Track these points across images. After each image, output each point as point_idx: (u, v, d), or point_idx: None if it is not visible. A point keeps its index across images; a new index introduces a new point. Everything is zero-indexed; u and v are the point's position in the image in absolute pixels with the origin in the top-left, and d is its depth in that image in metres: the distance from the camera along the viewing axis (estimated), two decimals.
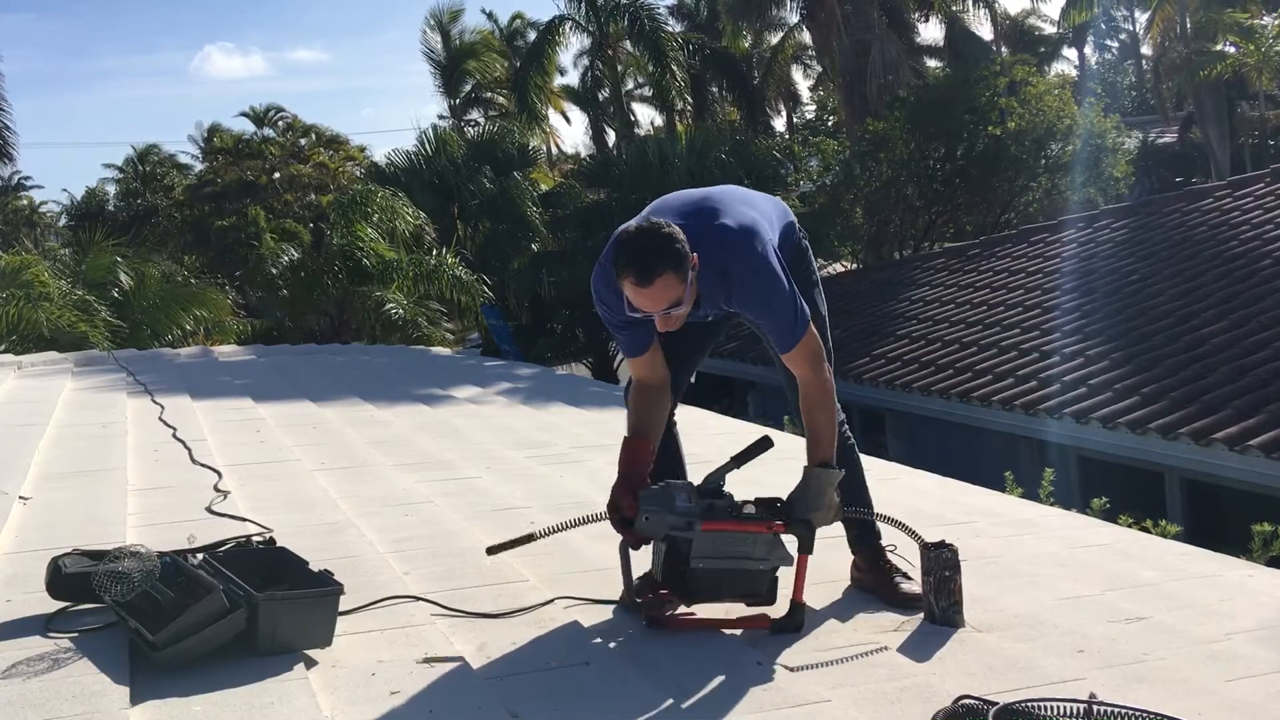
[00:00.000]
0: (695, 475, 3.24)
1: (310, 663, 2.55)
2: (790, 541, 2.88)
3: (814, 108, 36.69)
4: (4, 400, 6.84)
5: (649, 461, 2.99)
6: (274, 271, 15.58)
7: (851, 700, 2.46)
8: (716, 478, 2.95)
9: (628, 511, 2.85)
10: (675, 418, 3.23)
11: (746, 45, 28.81)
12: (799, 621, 2.87)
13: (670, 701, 2.43)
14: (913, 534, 3.03)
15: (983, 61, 20.11)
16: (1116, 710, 2.11)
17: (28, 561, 3.24)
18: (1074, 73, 37.75)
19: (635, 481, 2.91)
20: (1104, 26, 39.96)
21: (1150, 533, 4.82)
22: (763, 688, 2.51)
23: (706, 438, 5.69)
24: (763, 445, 3.04)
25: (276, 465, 4.98)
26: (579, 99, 31.86)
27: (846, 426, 3.18)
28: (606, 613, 2.98)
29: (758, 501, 2.92)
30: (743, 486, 3.16)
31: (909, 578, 3.11)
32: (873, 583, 3.18)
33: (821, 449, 2.93)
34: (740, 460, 3.02)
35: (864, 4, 21.33)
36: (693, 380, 3.37)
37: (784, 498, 2.92)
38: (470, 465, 5.07)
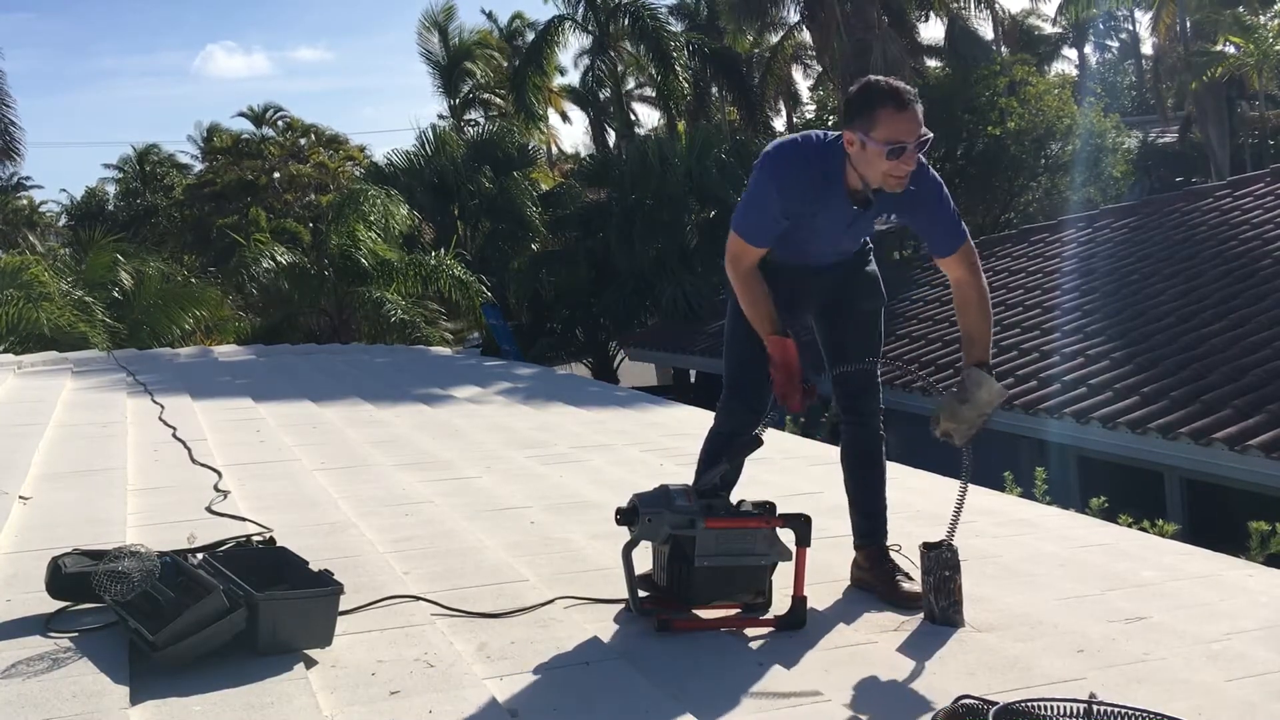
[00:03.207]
0: (692, 476, 3.25)
1: (310, 663, 2.55)
2: (787, 538, 2.89)
3: (814, 108, 36.69)
4: (4, 400, 6.84)
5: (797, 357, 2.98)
6: (257, 273, 15.46)
7: (851, 700, 2.46)
8: (711, 478, 2.96)
9: (798, 397, 2.93)
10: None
11: (749, 44, 28.81)
12: (801, 618, 2.88)
13: (670, 701, 2.42)
14: (952, 529, 3.00)
15: (983, 61, 20.11)
16: (1116, 710, 2.10)
17: (28, 561, 3.24)
18: (1074, 72, 37.76)
19: (797, 378, 2.95)
20: (1104, 26, 39.97)
21: (1149, 532, 4.82)
22: (763, 688, 2.51)
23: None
24: (753, 444, 3.05)
25: (276, 465, 4.98)
26: (579, 99, 31.84)
27: (882, 425, 3.30)
28: (606, 613, 2.98)
29: (751, 502, 2.94)
30: (742, 486, 3.17)
31: (910, 578, 3.11)
32: (874, 580, 3.18)
33: (977, 349, 3.06)
34: (732, 459, 3.03)
35: (864, 4, 21.29)
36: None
37: (774, 501, 2.94)
38: (470, 465, 5.07)
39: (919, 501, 4.33)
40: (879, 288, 3.26)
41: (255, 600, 2.52)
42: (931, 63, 26.26)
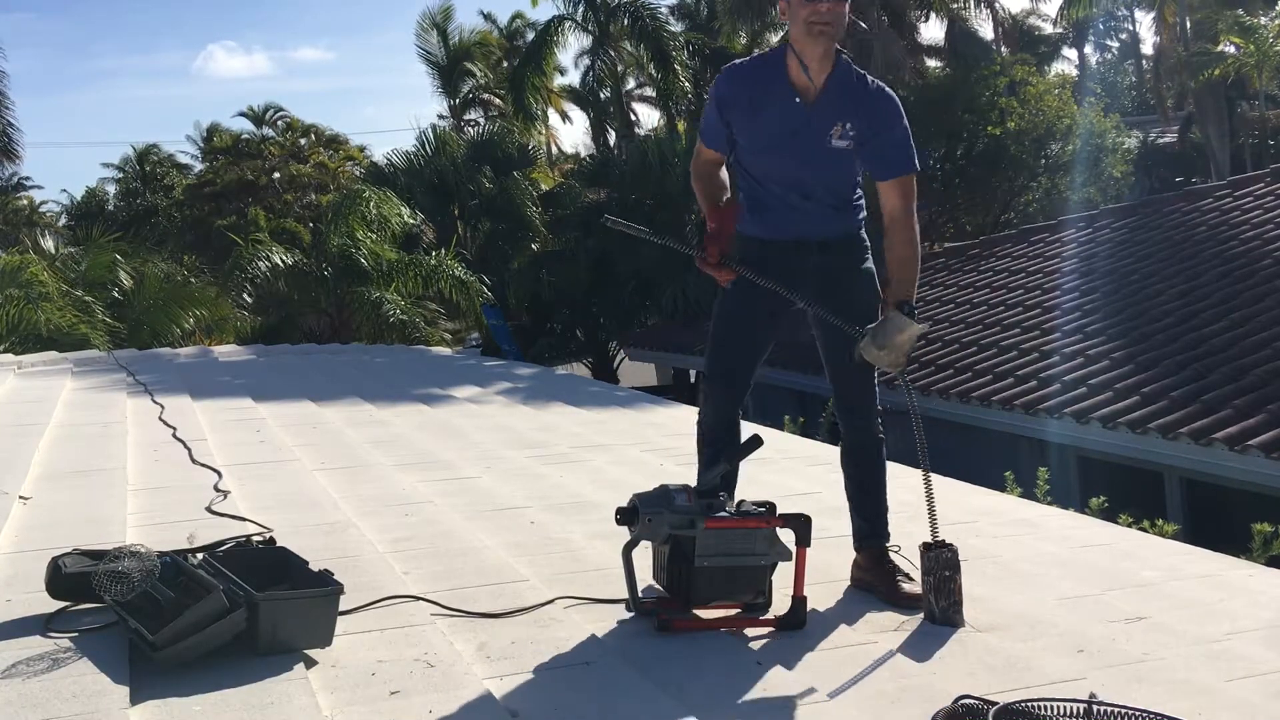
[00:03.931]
0: (692, 476, 3.25)
1: (310, 663, 2.55)
2: (787, 538, 2.90)
3: None
4: (4, 400, 6.84)
5: (733, 225, 3.15)
6: (253, 273, 15.46)
7: (851, 700, 2.46)
8: (711, 478, 2.96)
9: (711, 257, 3.07)
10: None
11: (743, 43, 28.81)
12: (802, 618, 2.88)
13: (670, 701, 2.42)
14: (934, 528, 3.01)
15: (983, 61, 20.11)
16: (1116, 710, 2.11)
17: (28, 561, 3.24)
18: (1074, 72, 37.75)
19: (724, 237, 3.10)
20: (1104, 26, 39.97)
21: (1150, 533, 4.82)
22: (763, 688, 2.51)
23: None
24: (753, 444, 3.06)
25: (276, 465, 4.97)
26: (579, 99, 31.82)
27: (882, 428, 3.30)
28: (606, 613, 2.98)
29: (751, 502, 2.94)
30: (742, 486, 3.17)
31: (910, 578, 3.11)
32: (874, 581, 3.18)
33: (900, 288, 3.03)
34: (732, 459, 3.03)
35: (864, 4, 21.32)
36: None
37: (774, 501, 2.95)
38: (470, 465, 5.07)
39: (919, 502, 4.32)
40: (874, 285, 3.21)
41: (255, 600, 2.52)
42: (931, 63, 26.26)
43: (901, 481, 4.83)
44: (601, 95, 27.29)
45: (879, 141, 3.07)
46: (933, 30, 37.22)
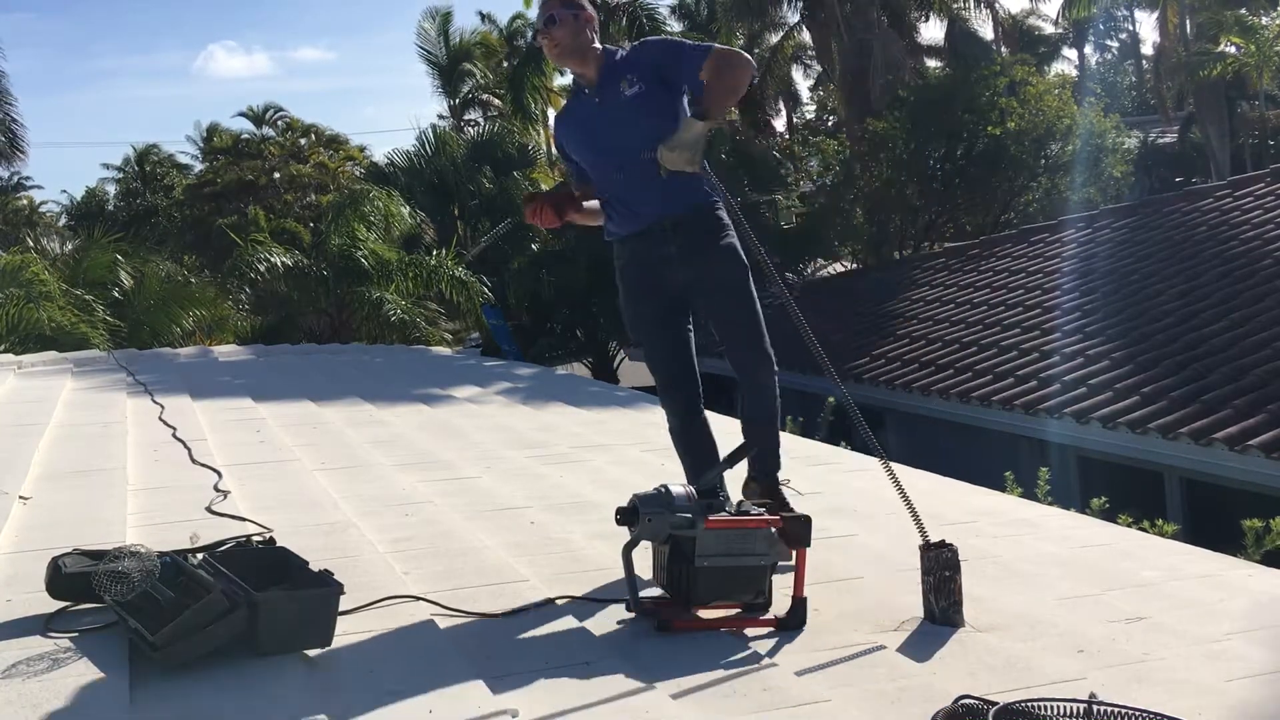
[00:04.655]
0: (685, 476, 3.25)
1: (310, 663, 2.55)
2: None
3: (814, 108, 36.70)
4: (4, 400, 6.84)
5: (577, 204, 3.49)
6: (252, 274, 15.44)
7: (851, 700, 2.46)
8: (711, 478, 2.96)
9: (541, 207, 3.42)
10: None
11: (740, 43, 28.82)
12: (802, 618, 2.88)
13: (670, 701, 2.42)
14: (922, 529, 3.03)
15: (983, 61, 20.10)
16: (1116, 710, 2.10)
17: (28, 561, 3.24)
18: (1074, 73, 37.76)
19: (561, 196, 3.46)
20: (1104, 26, 39.98)
21: (1150, 532, 4.82)
22: (763, 688, 2.51)
23: None
24: (752, 445, 3.06)
25: (276, 465, 4.97)
26: None
27: (777, 385, 3.55)
28: (606, 613, 2.98)
29: (751, 502, 2.95)
30: (740, 486, 3.16)
31: (790, 508, 3.26)
32: (762, 495, 3.41)
33: (708, 103, 3.18)
34: (732, 460, 3.04)
35: (864, 4, 21.31)
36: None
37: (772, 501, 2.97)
38: (470, 465, 5.07)
39: (921, 502, 4.30)
40: (738, 256, 3.43)
41: (255, 600, 2.52)
42: (931, 63, 26.26)
43: (903, 482, 4.84)
44: None
45: (665, 66, 3.34)
46: (933, 30, 37.23)
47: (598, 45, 3.41)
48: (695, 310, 3.53)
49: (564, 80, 32.32)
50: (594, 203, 3.54)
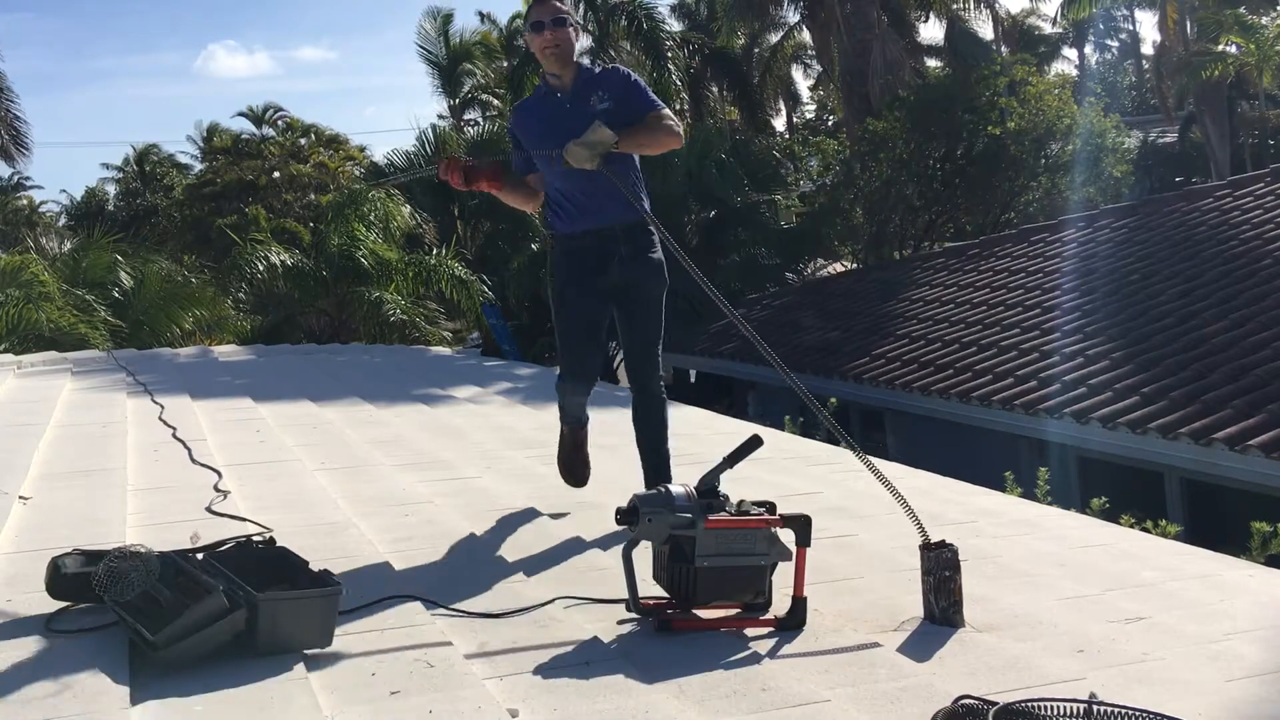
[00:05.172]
0: (692, 476, 3.25)
1: (310, 663, 2.55)
2: (787, 538, 2.90)
3: (814, 108, 36.73)
4: (4, 400, 6.84)
5: (501, 180, 3.86)
6: (251, 274, 15.43)
7: (851, 700, 2.46)
8: (711, 478, 2.96)
9: (456, 169, 3.77)
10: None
11: (740, 43, 28.81)
12: (801, 618, 2.88)
13: (670, 701, 2.42)
14: (921, 529, 3.03)
15: (983, 61, 20.10)
16: (1116, 710, 2.10)
17: (28, 561, 3.24)
18: (1074, 72, 37.77)
19: (493, 166, 3.81)
20: (1104, 26, 39.99)
21: (1150, 532, 4.82)
22: (762, 688, 2.51)
23: (707, 438, 5.69)
24: (753, 444, 3.07)
25: (276, 465, 4.97)
26: None
27: (664, 390, 3.95)
28: (606, 613, 2.98)
29: (751, 502, 2.94)
30: (742, 486, 3.17)
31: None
32: None
33: (633, 135, 3.65)
34: (733, 460, 3.04)
35: (864, 4, 21.31)
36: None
37: (774, 501, 2.96)
38: (470, 465, 5.07)
39: (920, 501, 4.30)
40: (663, 273, 3.87)
41: (255, 600, 2.52)
42: (931, 63, 26.26)
43: (902, 482, 4.84)
44: None
45: (628, 97, 3.76)
46: (933, 30, 37.29)
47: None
48: (617, 308, 3.87)
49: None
50: (524, 186, 3.94)
